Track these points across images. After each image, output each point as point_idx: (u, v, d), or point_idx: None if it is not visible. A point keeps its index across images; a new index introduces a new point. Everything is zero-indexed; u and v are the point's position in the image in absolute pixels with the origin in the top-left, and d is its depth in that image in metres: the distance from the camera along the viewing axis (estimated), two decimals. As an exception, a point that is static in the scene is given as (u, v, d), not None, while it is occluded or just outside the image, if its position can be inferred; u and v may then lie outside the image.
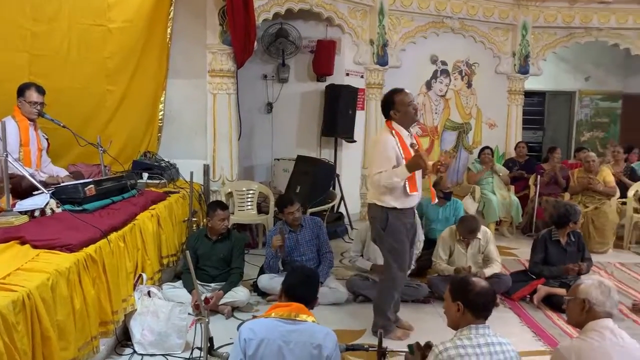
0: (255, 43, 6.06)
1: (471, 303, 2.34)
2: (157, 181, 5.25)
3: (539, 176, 7.02)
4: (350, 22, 7.15)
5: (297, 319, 2.41)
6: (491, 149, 7.37)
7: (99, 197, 3.84)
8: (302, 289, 2.50)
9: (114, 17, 5.60)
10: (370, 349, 2.83)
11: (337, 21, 6.98)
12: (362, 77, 7.48)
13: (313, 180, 5.46)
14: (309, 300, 2.52)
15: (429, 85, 8.12)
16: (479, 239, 4.67)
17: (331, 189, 5.75)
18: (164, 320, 3.43)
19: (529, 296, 4.64)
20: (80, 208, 3.61)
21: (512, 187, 7.24)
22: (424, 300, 4.54)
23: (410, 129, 3.80)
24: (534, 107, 10.57)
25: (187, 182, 5.62)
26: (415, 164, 3.49)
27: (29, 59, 5.52)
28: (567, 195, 6.71)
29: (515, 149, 7.95)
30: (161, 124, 5.91)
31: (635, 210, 6.59)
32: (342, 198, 6.93)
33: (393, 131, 3.63)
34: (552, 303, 4.47)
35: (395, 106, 3.64)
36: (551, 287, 4.56)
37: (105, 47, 5.61)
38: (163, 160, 5.66)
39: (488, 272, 4.53)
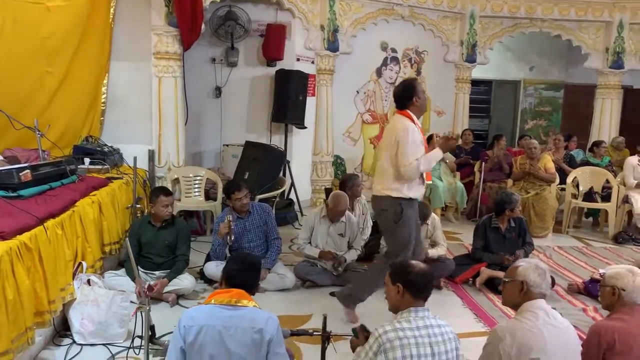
0: (203, 25, 5.94)
1: (411, 283, 2.38)
2: (100, 167, 5.10)
3: (483, 163, 7.20)
4: (300, 7, 7.09)
5: (238, 304, 2.39)
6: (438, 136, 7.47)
7: (35, 183, 3.68)
8: (242, 276, 2.47)
9: (52, -5, 5.36)
10: (314, 333, 2.84)
11: (287, 5, 6.91)
12: (312, 62, 7.44)
13: (262, 166, 5.42)
14: (250, 286, 2.49)
15: (379, 73, 8.16)
16: (427, 224, 4.75)
17: (281, 175, 5.72)
18: (105, 309, 3.35)
19: (471, 279, 4.77)
20: (15, 194, 3.45)
21: (458, 174, 7.40)
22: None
23: None
24: (481, 96, 10.82)
25: (132, 168, 5.51)
26: (450, 146, 3.86)
27: (-41, 39, 5.23)
28: (510, 182, 6.91)
29: (461, 136, 8.11)
30: (104, 108, 5.72)
31: (574, 196, 6.86)
32: (292, 184, 6.92)
33: (409, 119, 3.65)
34: (494, 286, 4.61)
35: (417, 93, 3.67)
36: (493, 271, 4.69)
37: (43, 27, 5.35)
38: (106, 145, 5.49)
39: (433, 252, 4.63)
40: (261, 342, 2.36)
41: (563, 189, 6.99)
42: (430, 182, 3.84)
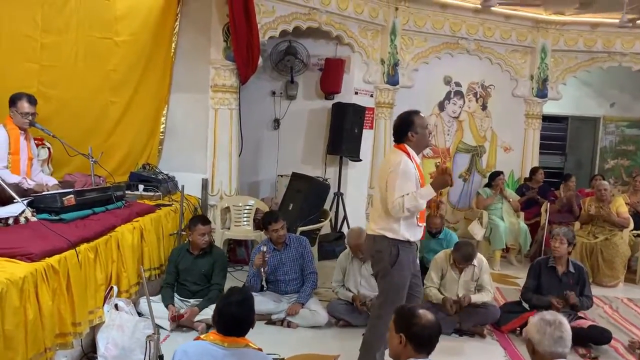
0: (260, 59, 6.08)
1: (414, 336, 2.23)
2: (152, 193, 5.28)
3: (549, 203, 6.79)
4: (360, 41, 7.12)
5: (233, 346, 2.34)
6: (503, 174, 7.17)
7: (78, 208, 3.85)
8: (233, 326, 2.38)
9: (120, 30, 5.71)
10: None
11: (346, 40, 6.95)
12: (371, 96, 7.41)
13: (305, 198, 5.40)
14: (244, 331, 2.43)
15: (441, 107, 7.99)
16: (474, 265, 4.51)
17: (326, 207, 5.67)
18: (129, 334, 3.41)
19: (519, 328, 4.44)
20: (56, 218, 3.62)
21: (522, 214, 7.01)
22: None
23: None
24: (556, 132, 10.29)
25: (188, 195, 5.67)
26: (442, 182, 3.42)
27: (39, 70, 5.66)
28: (577, 225, 6.45)
29: (532, 174, 7.71)
30: (162, 137, 5.96)
31: (651, 243, 6.30)
32: (345, 217, 6.85)
33: (406, 154, 3.41)
34: (543, 337, 4.26)
35: (414, 128, 3.43)
36: (543, 321, 4.33)
37: (110, 60, 5.71)
38: (162, 172, 5.70)
39: (476, 298, 4.37)
40: (253, 385, 2.29)
41: (639, 235, 6.43)
42: (423, 224, 3.53)
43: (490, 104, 8.21)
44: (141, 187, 5.35)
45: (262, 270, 4.29)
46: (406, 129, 3.46)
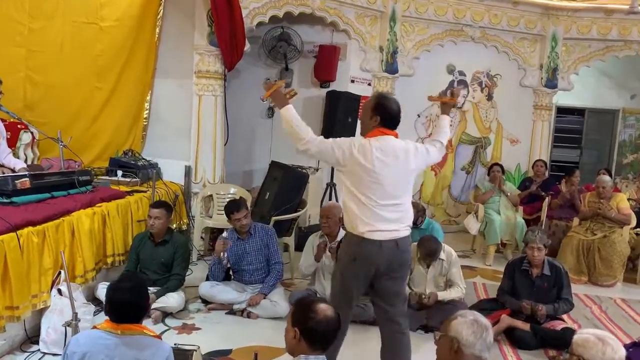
0: (249, 46, 5.97)
1: (308, 331, 2.09)
2: (129, 179, 5.25)
3: (547, 197, 6.49)
4: (357, 28, 6.92)
5: (125, 333, 2.25)
6: (501, 166, 6.89)
7: (35, 191, 3.83)
8: (124, 312, 2.29)
9: (105, 15, 5.70)
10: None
11: (342, 26, 6.77)
12: (369, 84, 7.22)
13: (281, 187, 5.27)
14: (136, 318, 2.33)
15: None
16: (442, 259, 4.32)
17: (305, 198, 5.54)
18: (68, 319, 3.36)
19: (490, 327, 4.22)
20: (7, 201, 3.61)
21: (520, 208, 6.72)
22: (372, 322, 4.22)
23: None
24: (572, 125, 9.87)
25: (170, 182, 5.64)
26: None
27: (26, 54, 5.71)
28: (576, 220, 6.14)
29: (532, 167, 7.40)
30: (146, 123, 5.93)
31: (655, 242, 5.95)
32: (336, 208, 6.70)
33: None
34: (514, 338, 4.06)
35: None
36: (514, 320, 4.12)
37: (96, 45, 5.71)
38: (144, 159, 5.67)
39: (443, 295, 4.19)
40: (144, 375, 2.20)
41: (640, 234, 6.09)
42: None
43: (496, 94, 7.91)
44: (119, 172, 5.33)
45: (222, 258, 4.20)
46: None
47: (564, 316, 4.32)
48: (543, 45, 7.80)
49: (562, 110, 9.67)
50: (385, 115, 3.01)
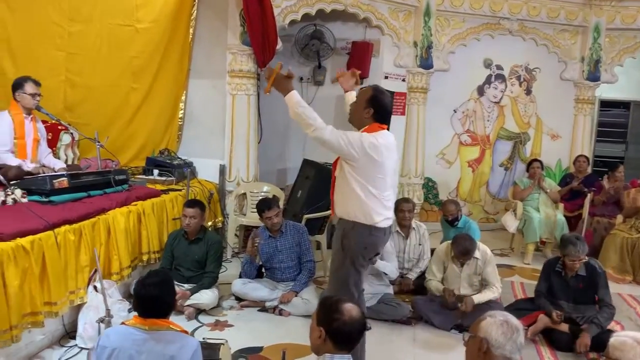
0: (281, 44, 5.98)
1: (334, 332, 2.08)
2: (164, 178, 5.34)
3: (589, 194, 6.28)
4: (390, 23, 6.85)
5: (153, 329, 2.28)
6: (540, 162, 6.71)
7: (72, 190, 3.93)
8: (151, 307, 2.33)
9: (141, 17, 5.80)
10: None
11: (375, 22, 6.71)
12: (403, 80, 7.14)
13: (312, 185, 5.26)
14: (164, 312, 2.36)
15: (480, 91, 7.57)
16: (477, 258, 4.23)
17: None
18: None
19: (526, 327, 4.11)
20: (46, 200, 3.72)
21: (561, 205, 6.52)
22: (405, 321, 4.18)
23: None
24: (617, 119, 9.52)
25: (205, 181, 5.72)
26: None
27: (66, 57, 5.88)
28: (619, 218, 5.93)
29: (574, 163, 7.17)
30: (181, 123, 6.02)
31: None
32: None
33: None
34: (552, 339, 3.94)
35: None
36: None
37: (132, 47, 5.83)
38: (179, 158, 5.75)
39: (479, 298, 4.09)
40: (171, 370, 2.22)
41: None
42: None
43: (535, 88, 7.70)
44: (156, 171, 5.43)
45: (254, 257, 4.23)
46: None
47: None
48: (585, 36, 7.54)
49: (605, 104, 9.35)
50: (380, 109, 3.09)
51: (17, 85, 4.37)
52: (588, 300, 4.05)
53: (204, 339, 2.80)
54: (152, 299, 2.31)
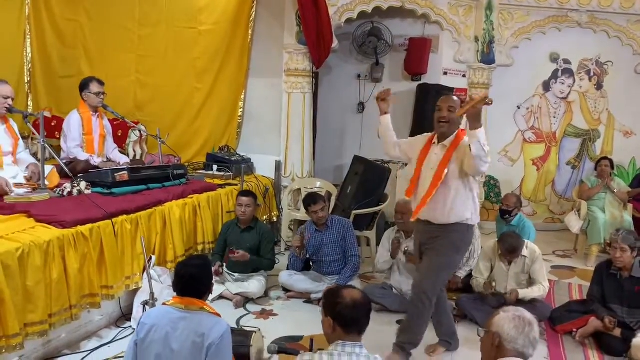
0: (336, 42, 6.08)
1: (339, 316, 2.16)
2: (223, 173, 5.59)
3: (660, 195, 5.93)
4: (450, 19, 6.76)
5: (189, 309, 2.45)
6: (610, 160, 6.41)
7: (132, 183, 4.22)
8: (189, 286, 2.50)
9: (204, 19, 6.11)
10: (301, 352, 2.73)
11: (434, 18, 6.66)
12: (463, 76, 7.02)
13: (361, 181, 5.31)
14: (201, 292, 2.53)
15: (546, 87, 7.31)
16: (525, 257, 4.14)
17: (390, 192, 5.54)
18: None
19: (575, 330, 3.98)
20: (108, 191, 4.03)
21: (630, 206, 6.19)
22: (448, 318, 4.15)
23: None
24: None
25: (262, 177, 5.93)
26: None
27: (136, 59, 6.31)
28: (693, 220, 5.56)
29: (647, 162, 6.79)
30: (240, 121, 6.26)
31: None
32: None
33: (429, 137, 3.53)
34: (602, 344, 3.80)
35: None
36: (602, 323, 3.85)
37: (195, 48, 6.15)
38: (237, 154, 6.00)
39: (524, 293, 4.01)
40: (201, 347, 2.39)
41: None
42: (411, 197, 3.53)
43: (606, 83, 7.33)
44: (215, 167, 5.70)
45: (299, 251, 4.36)
46: None
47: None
48: (663, 27, 7.10)
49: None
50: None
51: (84, 85, 4.74)
52: (641, 302, 3.86)
53: (240, 326, 2.94)
54: (190, 277, 2.49)
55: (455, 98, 3.36)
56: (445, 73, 6.91)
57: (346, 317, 2.14)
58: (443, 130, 3.33)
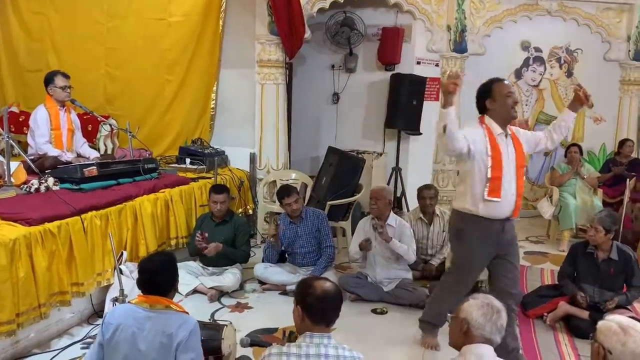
0: (309, 33, 6.04)
1: (308, 307, 2.15)
2: (195, 167, 5.54)
3: (629, 179, 6.04)
4: (422, 8, 6.76)
5: (155, 308, 2.42)
6: (579, 147, 6.51)
7: (102, 179, 4.16)
8: (152, 283, 2.46)
9: (173, 11, 6.01)
10: (273, 344, 2.73)
11: (406, 7, 6.64)
12: (437, 65, 7.04)
13: (335, 172, 5.32)
14: (165, 290, 2.50)
15: (518, 75, 7.38)
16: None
17: (361, 182, 5.55)
18: (127, 297, 3.64)
19: (546, 314, 4.05)
20: (77, 187, 3.96)
21: (600, 191, 6.31)
22: (422, 306, 4.17)
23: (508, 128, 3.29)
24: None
25: (236, 169, 5.89)
26: (445, 87, 3.00)
27: (105, 52, 6.19)
28: (661, 204, 5.68)
29: (620, 147, 6.89)
30: (213, 113, 6.19)
31: None
32: (402, 193, 6.65)
33: (484, 125, 3.22)
34: (572, 326, 3.88)
35: (492, 95, 3.20)
36: (572, 307, 3.93)
37: (165, 40, 6.06)
38: (211, 147, 5.94)
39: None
40: (169, 347, 2.36)
41: None
42: (499, 199, 3.11)
43: (576, 70, 7.43)
44: (188, 160, 5.63)
45: (274, 242, 4.35)
46: (483, 97, 3.26)
47: (636, 307, 4.05)
48: (631, 14, 7.19)
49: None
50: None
51: (49, 79, 4.65)
52: (616, 287, 3.95)
53: (212, 320, 2.93)
54: (153, 274, 2.45)
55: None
56: (419, 62, 6.92)
57: (315, 309, 2.14)
58: (517, 116, 3.36)
